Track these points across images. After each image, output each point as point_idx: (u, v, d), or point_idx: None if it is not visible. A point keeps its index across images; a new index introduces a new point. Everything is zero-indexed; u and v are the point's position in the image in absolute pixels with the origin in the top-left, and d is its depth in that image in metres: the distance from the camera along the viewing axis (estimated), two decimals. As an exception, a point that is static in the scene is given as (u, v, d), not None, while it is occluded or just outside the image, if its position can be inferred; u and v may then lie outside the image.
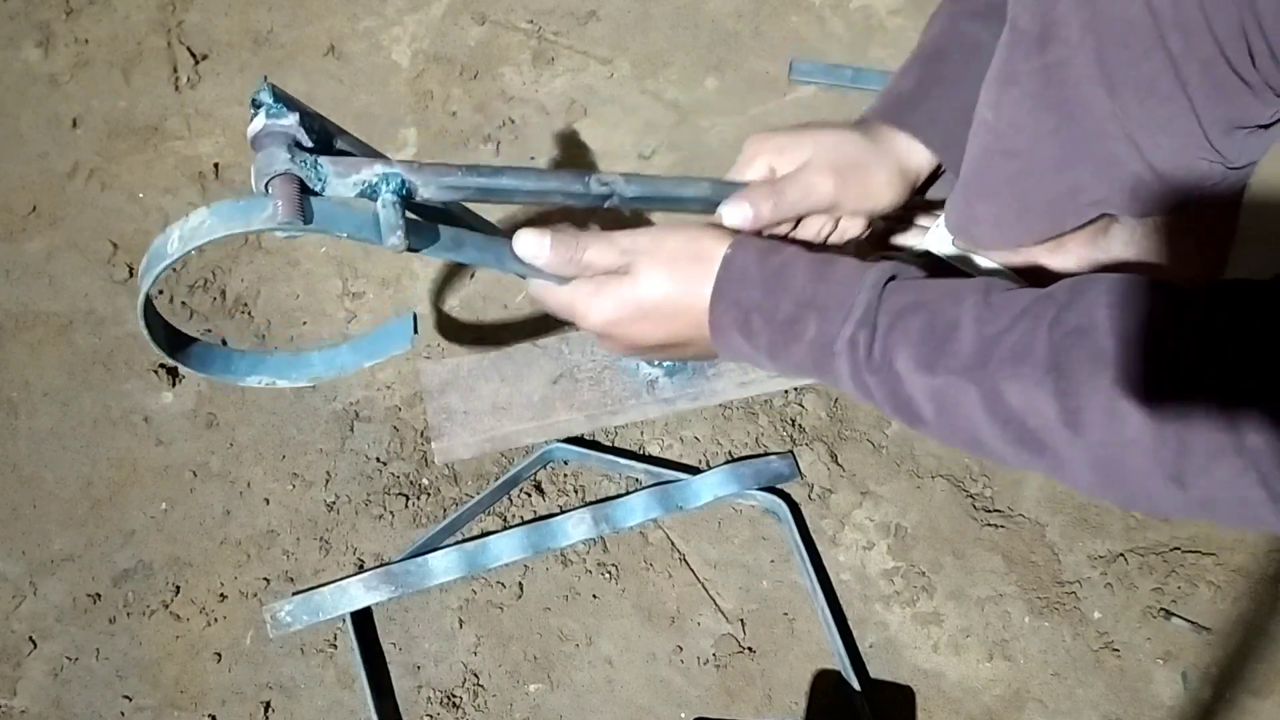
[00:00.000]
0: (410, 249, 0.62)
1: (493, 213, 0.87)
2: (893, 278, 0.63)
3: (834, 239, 0.78)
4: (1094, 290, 0.56)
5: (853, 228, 0.78)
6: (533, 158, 1.21)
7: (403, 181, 0.62)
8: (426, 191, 0.63)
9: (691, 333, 0.68)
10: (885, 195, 0.76)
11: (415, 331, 0.72)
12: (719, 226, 0.70)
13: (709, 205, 0.74)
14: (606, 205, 0.70)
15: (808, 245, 0.76)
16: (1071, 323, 0.55)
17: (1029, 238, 0.83)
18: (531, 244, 0.67)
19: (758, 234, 0.73)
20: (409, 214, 0.62)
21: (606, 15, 1.31)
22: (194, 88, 1.26)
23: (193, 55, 1.28)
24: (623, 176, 0.70)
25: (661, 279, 0.66)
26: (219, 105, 1.25)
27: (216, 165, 1.21)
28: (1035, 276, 0.90)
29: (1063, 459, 0.56)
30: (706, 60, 1.28)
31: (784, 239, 0.75)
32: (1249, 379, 0.50)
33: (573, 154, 1.22)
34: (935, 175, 0.81)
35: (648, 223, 1.09)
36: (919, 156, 0.77)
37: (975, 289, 0.60)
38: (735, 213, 0.71)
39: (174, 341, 0.69)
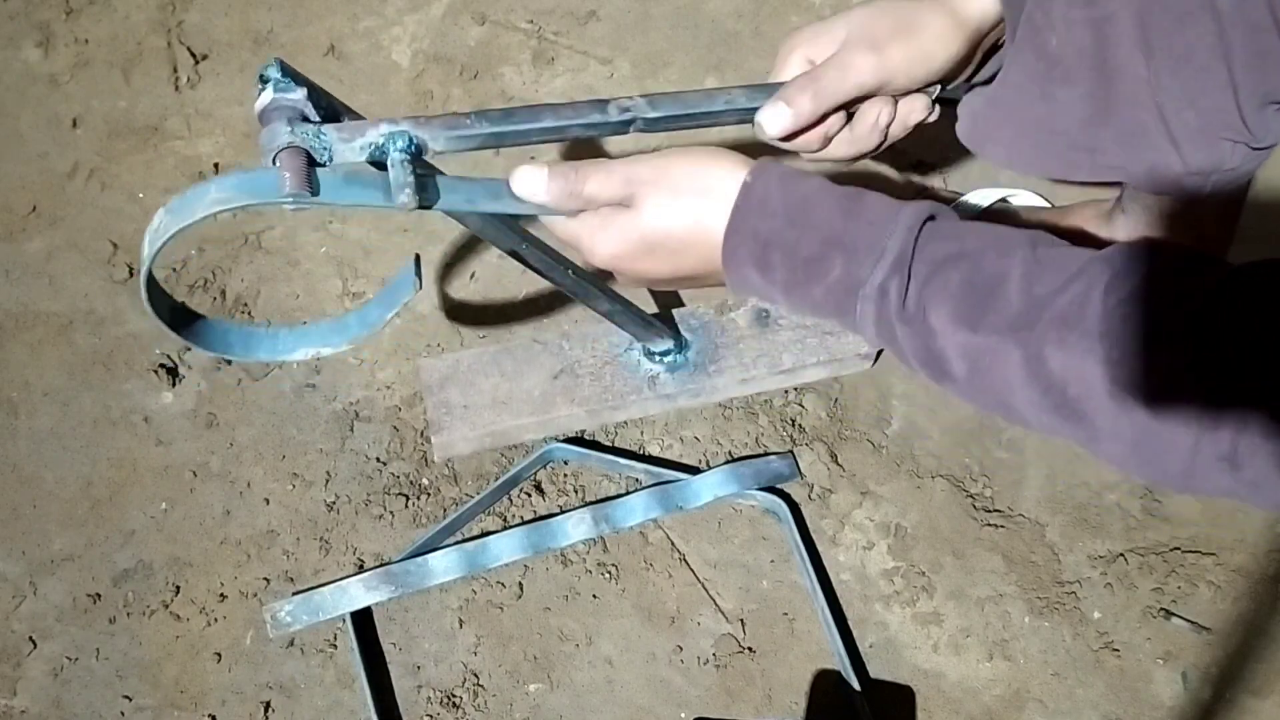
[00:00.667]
0: (422, 206, 0.60)
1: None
2: (930, 219, 0.58)
3: (896, 128, 0.71)
4: (1155, 258, 0.53)
5: (915, 109, 0.71)
6: (532, 157, 1.22)
7: (411, 138, 0.60)
8: (436, 145, 0.61)
9: (702, 266, 0.64)
10: (939, 52, 0.67)
11: (418, 274, 0.67)
12: (729, 152, 0.64)
13: (745, 114, 0.68)
14: (631, 131, 0.66)
15: (869, 151, 0.70)
16: (1129, 289, 0.52)
17: (1038, 171, 0.78)
18: (528, 179, 0.63)
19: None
20: (419, 171, 0.61)
21: (606, 15, 1.31)
22: (194, 88, 1.26)
23: (193, 55, 1.28)
24: (645, 99, 0.66)
25: (666, 212, 0.62)
26: (219, 105, 1.25)
27: (217, 165, 1.21)
28: None
29: (1100, 431, 0.53)
30: (706, 60, 1.28)
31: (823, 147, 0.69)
32: None
33: (573, 154, 1.22)
34: (996, 45, 0.73)
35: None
36: (979, 1, 0.69)
37: (1022, 242, 0.56)
38: (772, 117, 0.66)
39: (178, 317, 0.67)
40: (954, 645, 0.95)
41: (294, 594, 0.95)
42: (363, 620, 0.96)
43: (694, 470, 1.02)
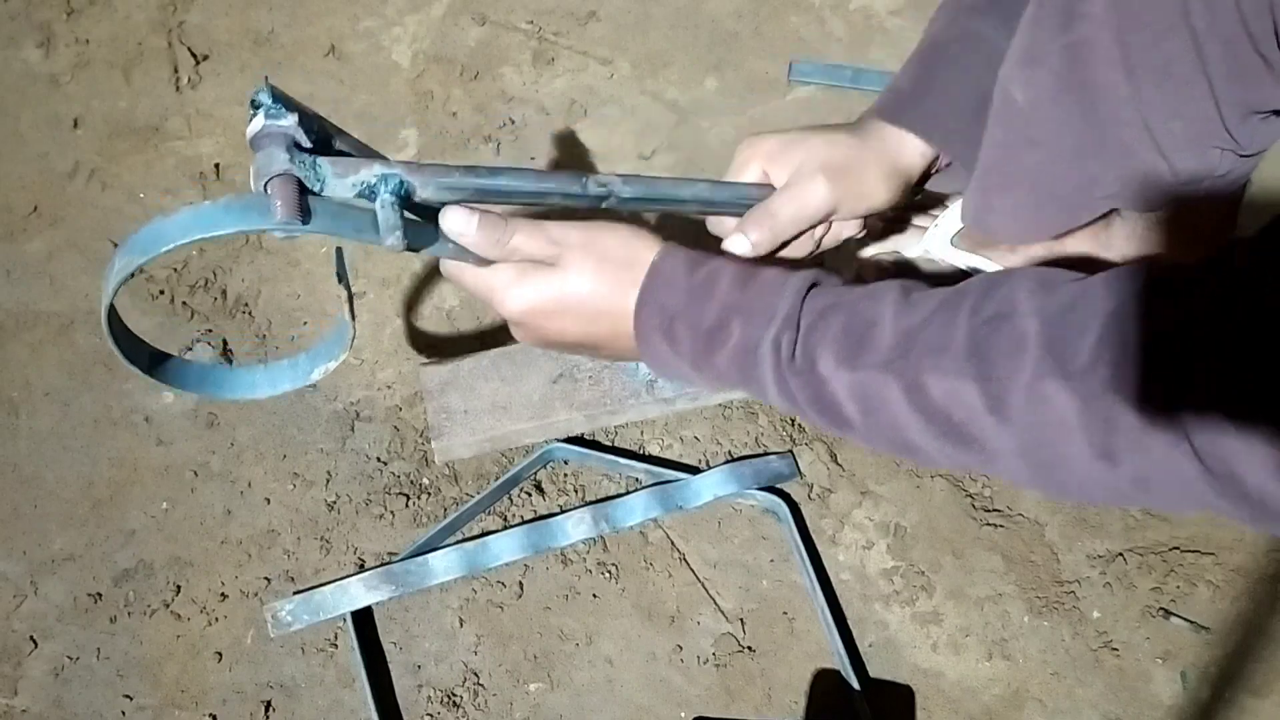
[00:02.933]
0: (410, 248, 0.62)
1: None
2: (815, 284, 0.63)
3: (828, 241, 0.78)
4: (1012, 278, 0.56)
5: (847, 229, 0.78)
6: (532, 158, 1.22)
7: (401, 182, 0.62)
8: (425, 192, 0.63)
9: (610, 337, 0.67)
10: (879, 194, 0.75)
11: (353, 334, 0.68)
12: (651, 232, 0.68)
13: (707, 206, 0.75)
14: (604, 206, 0.70)
15: (801, 256, 0.76)
16: (990, 309, 0.55)
17: (1043, 231, 0.82)
18: (459, 220, 0.64)
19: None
20: (408, 214, 0.62)
21: (606, 15, 1.31)
22: (194, 88, 1.27)
23: (193, 55, 1.29)
24: (620, 177, 0.70)
25: (589, 277, 0.65)
26: (219, 105, 1.25)
27: (217, 165, 1.21)
28: None
29: (992, 450, 0.55)
30: (706, 60, 1.28)
31: (769, 255, 0.75)
32: (1178, 350, 0.49)
33: (573, 154, 1.22)
34: (929, 173, 0.81)
35: (644, 223, 1.09)
36: (912, 153, 0.77)
37: (894, 288, 0.60)
38: (737, 246, 0.72)
39: (137, 354, 0.67)
40: (953, 645, 0.95)
41: (295, 593, 0.95)
42: (363, 620, 0.96)
43: (694, 470, 1.02)
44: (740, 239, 0.72)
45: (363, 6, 1.32)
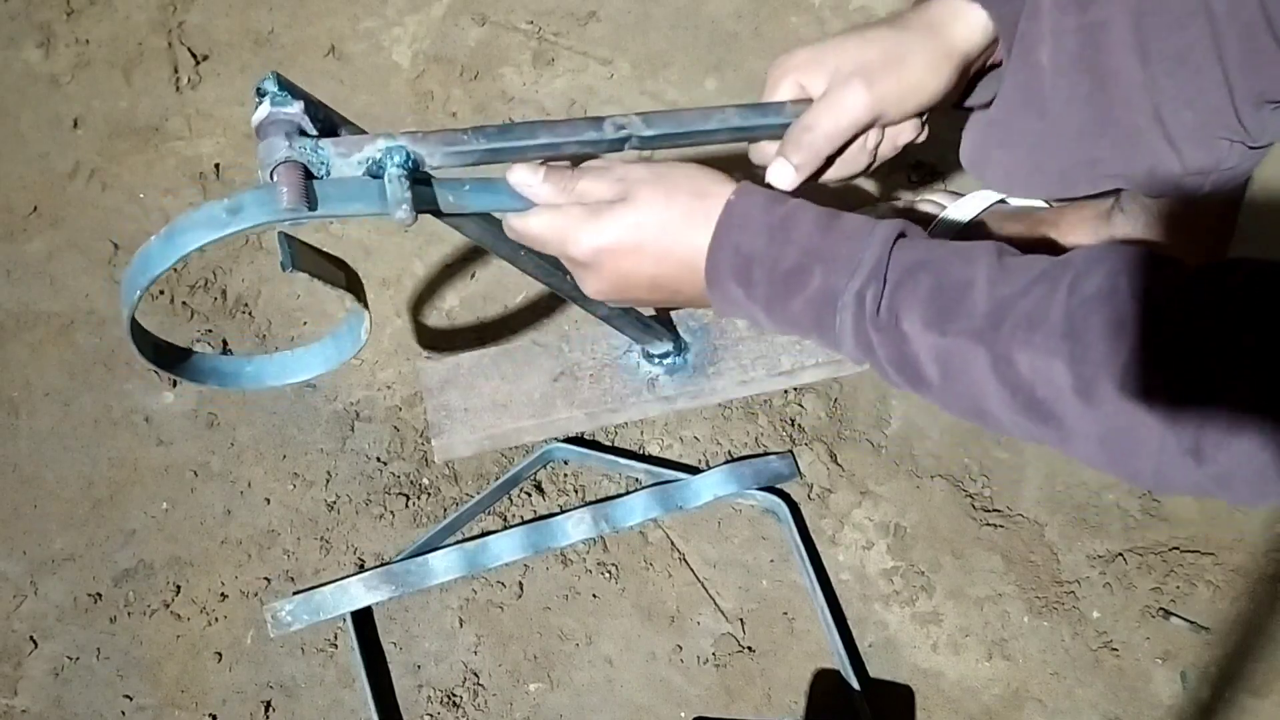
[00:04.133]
0: (427, 212, 0.61)
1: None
2: (902, 234, 0.60)
3: (885, 148, 0.73)
4: (1115, 257, 0.54)
5: (904, 133, 0.72)
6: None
7: (408, 154, 0.61)
8: (433, 160, 0.62)
9: (684, 276, 0.64)
10: (928, 85, 0.68)
11: (369, 324, 0.70)
12: (719, 170, 0.65)
13: (739, 135, 0.70)
14: (626, 149, 0.67)
15: (857, 172, 0.71)
16: (1090, 289, 0.53)
17: (1034, 193, 0.80)
18: (525, 173, 0.64)
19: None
20: (437, 181, 0.62)
21: (606, 16, 1.31)
22: (195, 88, 1.27)
23: (193, 56, 1.29)
24: (640, 116, 0.66)
25: (660, 209, 0.62)
26: (220, 106, 1.25)
27: (217, 165, 1.21)
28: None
29: (1070, 431, 0.54)
30: (706, 60, 1.28)
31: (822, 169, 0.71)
32: (1273, 353, 0.48)
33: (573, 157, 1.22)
34: (985, 67, 0.74)
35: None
36: (967, 28, 0.69)
37: (989, 250, 0.58)
38: (781, 175, 0.68)
39: (162, 356, 0.69)
40: (953, 645, 0.95)
41: (295, 593, 0.95)
42: (363, 620, 0.96)
43: (694, 470, 1.02)
44: (782, 166, 0.68)
45: (363, 6, 1.32)
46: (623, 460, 1.01)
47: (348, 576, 0.95)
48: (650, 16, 1.31)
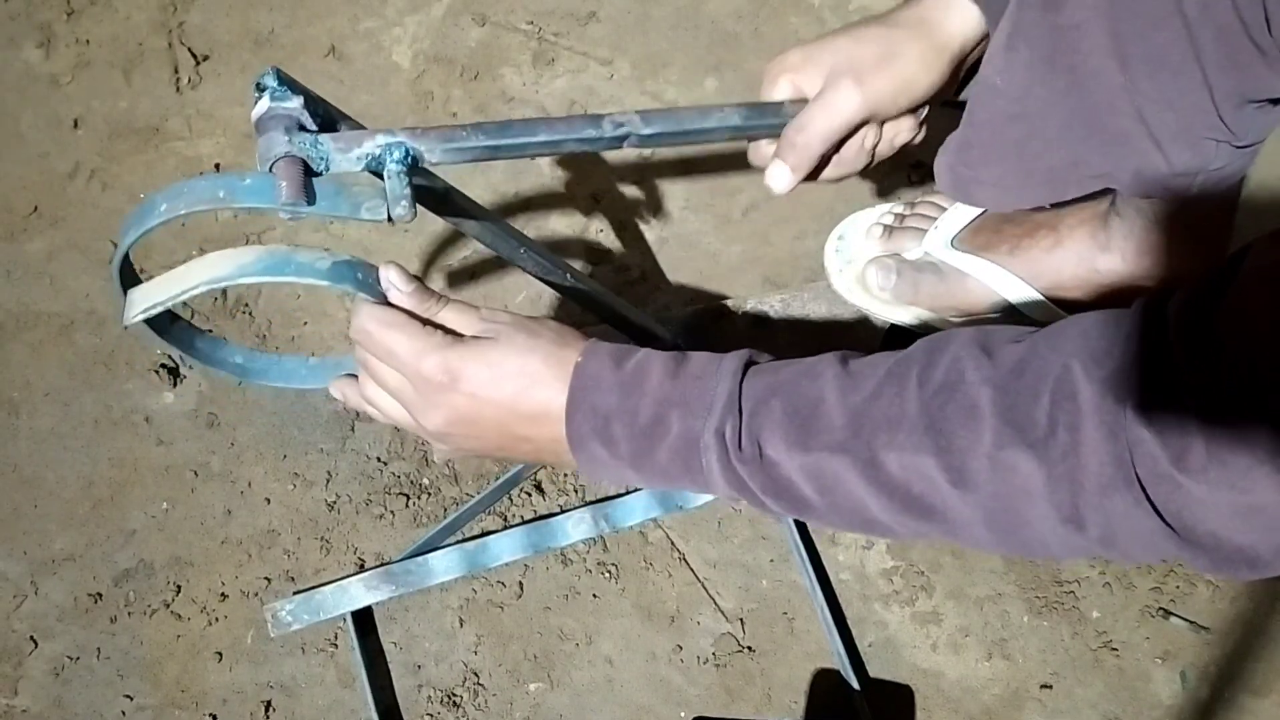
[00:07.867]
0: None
1: (489, 202, 0.87)
2: (751, 362, 0.59)
3: (883, 148, 0.72)
4: (953, 343, 0.54)
5: (902, 130, 0.72)
6: (533, 157, 1.22)
7: (407, 150, 0.61)
8: (432, 156, 0.62)
9: (539, 429, 0.61)
10: (922, 79, 0.68)
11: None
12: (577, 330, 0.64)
13: (737, 134, 0.70)
14: (625, 146, 0.67)
15: (855, 171, 0.71)
16: (939, 379, 0.53)
17: (1028, 202, 0.80)
18: (397, 274, 0.61)
19: None
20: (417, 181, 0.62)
21: (606, 16, 1.31)
22: (195, 88, 1.27)
23: (194, 56, 1.29)
24: (639, 114, 0.66)
25: (522, 349, 0.60)
26: (220, 106, 1.25)
27: (218, 166, 1.21)
28: (1033, 274, 0.90)
29: (955, 520, 0.54)
30: (706, 61, 1.28)
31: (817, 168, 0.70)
32: (1129, 404, 0.48)
33: (572, 154, 1.22)
34: (982, 45, 0.73)
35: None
36: (957, 23, 0.69)
37: (832, 362, 0.57)
38: (778, 178, 0.68)
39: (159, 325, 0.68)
40: (953, 644, 0.96)
41: (295, 593, 0.95)
42: (363, 619, 0.96)
43: (694, 470, 1.02)
44: (778, 167, 0.68)
45: (363, 7, 1.32)
46: (623, 460, 1.01)
47: (348, 576, 0.95)
48: (650, 17, 1.31)
